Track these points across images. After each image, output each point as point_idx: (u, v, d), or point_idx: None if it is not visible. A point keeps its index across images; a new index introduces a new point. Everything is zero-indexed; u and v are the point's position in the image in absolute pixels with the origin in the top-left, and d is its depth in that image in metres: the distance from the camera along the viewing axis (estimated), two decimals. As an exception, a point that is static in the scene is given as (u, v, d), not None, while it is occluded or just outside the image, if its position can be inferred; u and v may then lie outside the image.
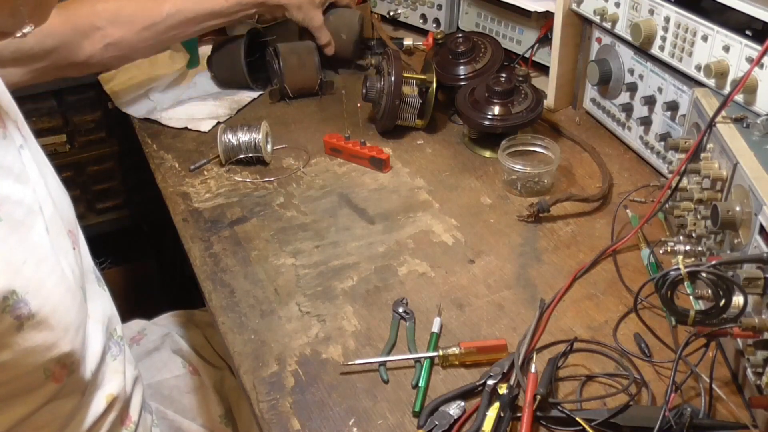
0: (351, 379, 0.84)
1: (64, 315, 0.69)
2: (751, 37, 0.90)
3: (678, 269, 0.72)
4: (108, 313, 0.85)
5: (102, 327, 0.81)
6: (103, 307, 0.84)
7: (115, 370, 0.83)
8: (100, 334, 0.80)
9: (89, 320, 0.78)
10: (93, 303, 0.81)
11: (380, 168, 1.20)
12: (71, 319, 0.71)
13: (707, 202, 0.86)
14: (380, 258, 1.02)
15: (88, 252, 0.86)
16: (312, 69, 1.40)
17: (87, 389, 0.77)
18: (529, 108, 1.20)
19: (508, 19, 1.45)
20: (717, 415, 0.78)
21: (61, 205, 0.78)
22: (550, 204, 1.06)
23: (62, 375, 0.71)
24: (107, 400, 0.80)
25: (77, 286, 0.74)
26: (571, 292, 0.95)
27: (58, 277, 0.69)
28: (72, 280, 0.73)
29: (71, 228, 0.80)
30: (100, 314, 0.82)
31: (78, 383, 0.74)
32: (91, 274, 0.85)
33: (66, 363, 0.71)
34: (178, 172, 1.22)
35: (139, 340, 1.16)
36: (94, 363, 0.77)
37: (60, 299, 0.69)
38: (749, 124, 0.87)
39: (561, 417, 0.77)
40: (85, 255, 0.84)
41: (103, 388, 0.80)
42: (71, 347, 0.70)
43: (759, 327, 0.69)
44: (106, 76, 1.45)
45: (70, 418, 0.75)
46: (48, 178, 0.78)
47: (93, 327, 0.79)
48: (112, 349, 0.83)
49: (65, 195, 0.82)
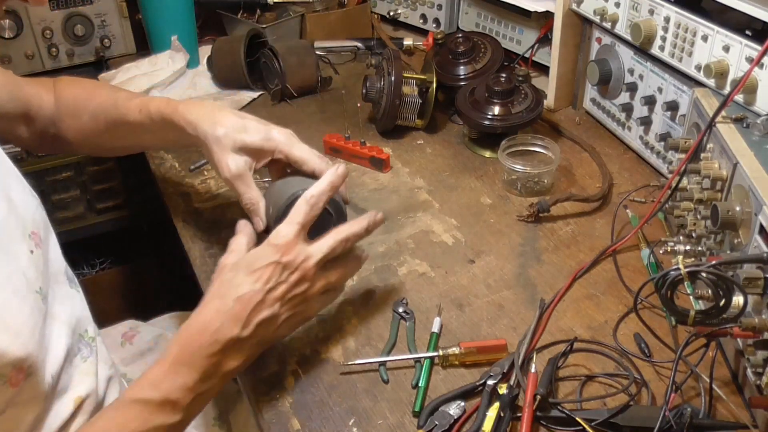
0: (351, 379, 0.84)
1: (11, 319, 0.67)
2: (751, 37, 0.90)
3: (678, 269, 0.72)
4: (77, 314, 0.82)
5: (68, 329, 0.79)
6: (72, 309, 0.81)
7: (85, 371, 0.80)
8: (65, 336, 0.78)
9: (53, 322, 0.76)
10: (60, 305, 0.79)
11: (380, 168, 1.20)
12: (22, 323, 0.68)
13: (707, 202, 0.86)
14: (380, 258, 1.02)
15: (59, 253, 0.83)
16: (311, 67, 1.41)
17: (51, 394, 0.74)
18: (529, 108, 1.20)
19: (508, 19, 1.45)
20: (717, 415, 0.78)
21: (23, 208, 0.76)
22: (550, 204, 1.06)
23: (18, 379, 0.68)
24: (75, 402, 0.78)
25: (30, 290, 0.71)
26: (571, 292, 0.95)
27: (4, 279, 0.68)
28: (23, 283, 0.70)
29: (35, 230, 0.77)
30: (67, 316, 0.79)
31: (37, 387, 0.71)
32: (61, 276, 0.82)
33: (22, 367, 0.68)
34: (178, 172, 1.22)
35: (131, 337, 1.15)
36: (56, 365, 0.75)
37: (5, 303, 0.67)
38: (749, 124, 0.87)
39: (561, 417, 0.77)
40: (55, 257, 0.82)
41: (71, 391, 0.78)
42: (25, 351, 0.68)
43: (759, 327, 0.69)
44: (106, 76, 1.45)
45: (34, 425, 0.73)
46: (7, 180, 0.76)
47: (57, 329, 0.77)
48: (82, 350, 0.81)
49: (30, 196, 0.80)
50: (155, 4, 1.46)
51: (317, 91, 1.42)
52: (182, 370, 0.73)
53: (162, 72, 1.43)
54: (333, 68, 1.52)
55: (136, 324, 1.21)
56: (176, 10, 1.47)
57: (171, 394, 0.72)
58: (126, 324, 1.20)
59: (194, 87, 1.45)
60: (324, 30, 1.59)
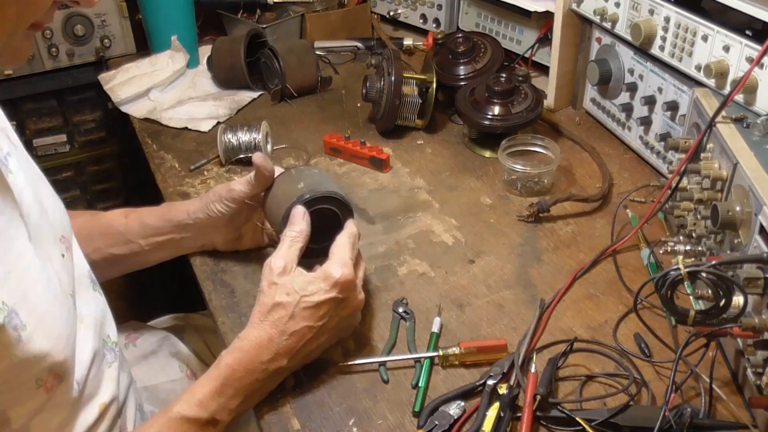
0: (351, 379, 0.84)
1: (52, 324, 0.68)
2: (751, 37, 0.90)
3: (678, 269, 0.72)
4: (100, 318, 0.83)
5: (94, 332, 0.79)
6: (96, 312, 0.82)
7: (109, 377, 0.81)
8: (92, 339, 0.78)
9: (80, 325, 0.77)
10: (86, 307, 0.80)
11: (380, 168, 1.20)
12: (61, 328, 0.69)
13: (707, 202, 0.86)
14: (380, 258, 1.02)
15: (82, 257, 0.84)
16: (311, 67, 1.41)
17: (78, 400, 0.75)
18: (529, 108, 1.20)
19: (508, 19, 1.45)
20: (717, 415, 0.78)
21: (52, 212, 0.77)
22: (550, 204, 1.06)
23: (53, 384, 0.69)
24: (100, 408, 0.78)
25: (65, 294, 0.73)
26: (571, 292, 0.95)
27: (45, 285, 0.68)
28: (59, 287, 0.71)
29: (64, 234, 0.79)
30: (92, 319, 0.80)
31: (66, 393, 0.72)
32: (86, 279, 0.84)
33: (58, 372, 0.69)
34: (178, 172, 1.22)
35: (135, 339, 1.15)
36: (83, 370, 0.75)
37: (47, 308, 0.68)
38: (749, 124, 0.87)
39: (561, 417, 0.77)
40: (79, 260, 0.83)
41: (97, 397, 0.79)
42: (63, 356, 0.69)
43: (759, 327, 0.69)
44: (106, 76, 1.45)
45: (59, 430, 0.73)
46: (39, 184, 0.78)
47: (84, 333, 0.77)
48: (106, 356, 0.82)
49: (58, 201, 0.81)
50: (155, 4, 1.46)
51: (317, 91, 1.42)
52: (229, 392, 0.76)
53: (162, 72, 1.43)
54: (333, 68, 1.52)
55: (137, 325, 1.21)
56: (176, 10, 1.47)
57: (217, 414, 0.75)
58: (128, 326, 1.20)
59: (194, 87, 1.45)
60: (324, 30, 1.59)
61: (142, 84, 1.41)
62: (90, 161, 1.67)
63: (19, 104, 1.54)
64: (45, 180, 0.81)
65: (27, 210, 0.71)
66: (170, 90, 1.43)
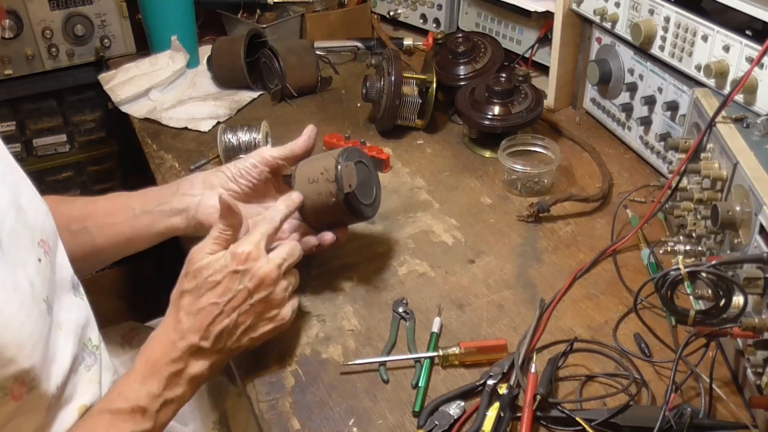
0: (351, 379, 0.84)
1: (18, 331, 0.66)
2: (751, 37, 0.90)
3: (678, 269, 0.72)
4: (82, 323, 0.82)
5: (74, 337, 0.78)
6: (77, 317, 0.81)
7: (89, 380, 0.80)
8: (71, 345, 0.77)
9: (60, 331, 0.76)
10: (67, 313, 0.79)
11: (380, 168, 1.20)
12: (27, 335, 0.67)
13: (707, 202, 0.86)
14: (380, 258, 1.02)
15: (66, 261, 0.83)
16: (311, 66, 1.41)
17: (54, 403, 0.73)
18: (529, 108, 1.20)
19: (508, 19, 1.45)
20: (717, 415, 0.78)
21: (33, 214, 0.76)
22: (550, 204, 1.06)
23: (21, 392, 0.67)
24: (80, 411, 0.77)
25: (36, 299, 0.71)
26: (571, 292, 0.95)
27: (10, 293, 0.67)
28: (30, 293, 0.70)
29: (44, 237, 0.77)
30: (73, 324, 0.79)
31: (40, 399, 0.70)
32: (67, 283, 0.82)
33: (25, 380, 0.67)
34: (178, 172, 1.22)
35: (131, 339, 1.15)
36: (60, 376, 0.74)
37: (13, 314, 0.66)
38: (749, 124, 0.87)
39: (561, 417, 0.77)
40: (62, 264, 0.81)
41: (75, 400, 0.77)
42: (29, 363, 0.67)
43: (759, 327, 0.69)
44: (106, 76, 1.45)
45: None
46: (20, 186, 0.76)
47: (63, 338, 0.76)
48: (86, 359, 0.81)
49: (41, 203, 0.80)
50: (155, 4, 1.46)
51: (317, 91, 1.42)
52: (147, 379, 0.76)
53: (162, 72, 1.43)
54: (333, 68, 1.52)
55: (135, 325, 1.20)
56: (176, 10, 1.47)
57: (139, 402, 0.75)
58: (126, 326, 1.20)
59: (194, 87, 1.45)
60: (324, 30, 1.59)
61: (142, 84, 1.41)
62: (90, 161, 1.67)
63: (19, 104, 1.54)
64: (28, 181, 0.80)
65: (1, 215, 0.70)
66: (170, 90, 1.43)
